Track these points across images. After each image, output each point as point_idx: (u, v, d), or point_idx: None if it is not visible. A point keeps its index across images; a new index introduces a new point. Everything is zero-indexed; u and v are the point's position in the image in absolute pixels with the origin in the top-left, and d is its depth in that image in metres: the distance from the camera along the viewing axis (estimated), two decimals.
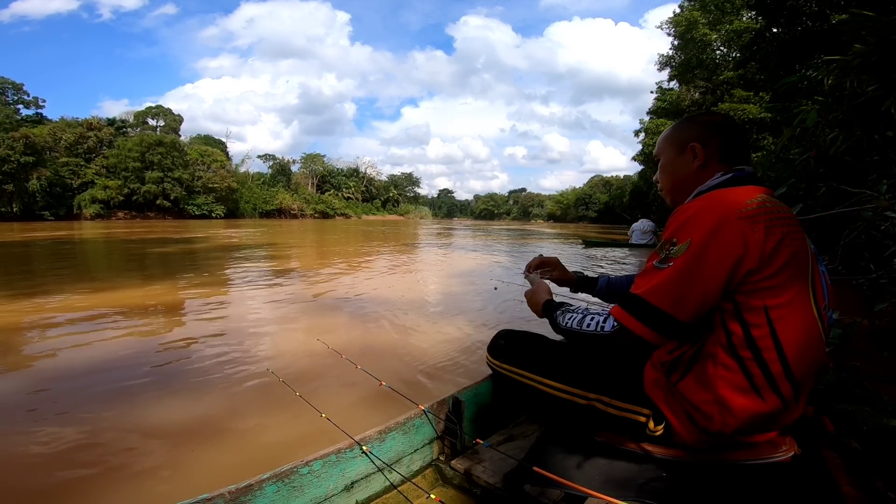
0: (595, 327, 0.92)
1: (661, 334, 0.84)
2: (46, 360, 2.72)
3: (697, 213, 0.84)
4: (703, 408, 0.86)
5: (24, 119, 48.93)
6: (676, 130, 1.06)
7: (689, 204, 0.89)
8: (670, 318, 0.83)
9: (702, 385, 0.86)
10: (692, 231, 0.82)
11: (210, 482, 1.28)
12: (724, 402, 0.84)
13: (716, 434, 0.86)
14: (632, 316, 0.86)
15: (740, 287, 0.81)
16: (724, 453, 0.89)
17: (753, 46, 10.33)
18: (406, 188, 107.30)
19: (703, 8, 24.54)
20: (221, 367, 2.56)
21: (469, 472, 1.08)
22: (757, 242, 0.79)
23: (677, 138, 1.04)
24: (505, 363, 1.18)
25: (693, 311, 0.82)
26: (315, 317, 3.93)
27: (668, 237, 0.86)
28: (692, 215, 0.84)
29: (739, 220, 0.81)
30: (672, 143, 1.05)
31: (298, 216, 67.15)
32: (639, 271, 0.91)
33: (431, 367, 2.60)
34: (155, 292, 4.86)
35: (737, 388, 0.83)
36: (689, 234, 0.82)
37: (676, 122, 1.10)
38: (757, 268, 0.80)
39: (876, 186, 2.63)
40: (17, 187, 39.72)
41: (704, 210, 0.84)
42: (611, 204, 64.44)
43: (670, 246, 0.85)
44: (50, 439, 1.76)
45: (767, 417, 0.85)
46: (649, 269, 0.87)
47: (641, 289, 0.86)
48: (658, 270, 0.85)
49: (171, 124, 58.44)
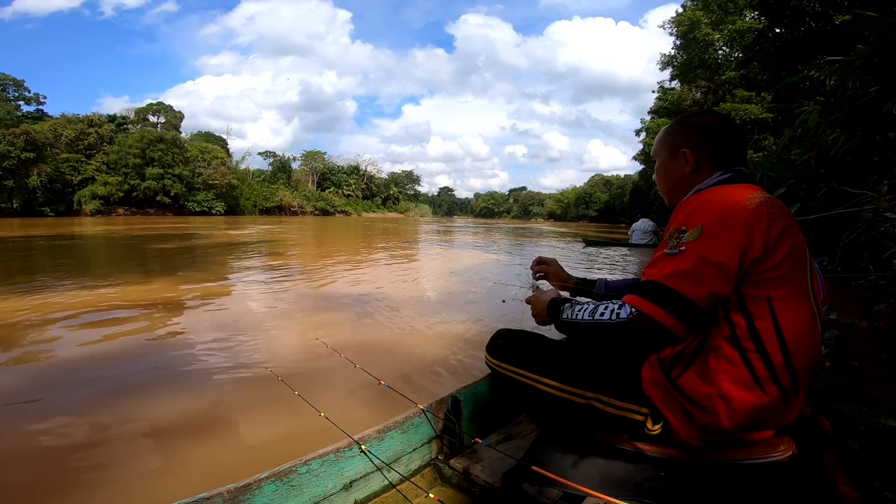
0: (610, 315, 0.89)
1: (680, 320, 0.83)
2: (44, 357, 2.71)
3: (704, 204, 0.86)
4: (703, 403, 0.86)
5: (24, 115, 48.89)
6: (669, 134, 1.06)
7: (693, 197, 0.91)
8: (690, 303, 0.82)
9: (703, 379, 0.87)
10: (701, 218, 0.84)
11: (209, 481, 1.28)
12: (726, 396, 0.84)
13: (715, 431, 0.86)
14: (650, 302, 0.84)
15: (746, 277, 0.83)
16: (722, 453, 0.89)
17: (756, 46, 10.30)
18: (406, 186, 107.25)
19: (706, 8, 24.46)
20: (220, 365, 2.56)
21: (468, 472, 1.08)
22: (762, 232, 0.81)
23: (669, 142, 1.05)
24: (504, 362, 1.18)
25: (709, 296, 0.82)
26: (314, 315, 3.93)
27: (676, 226, 0.86)
28: (699, 205, 0.86)
29: (744, 210, 0.82)
30: (665, 147, 1.06)
31: (298, 213, 67.13)
32: (640, 271, 0.91)
33: (430, 367, 2.60)
34: (154, 289, 4.86)
35: (739, 381, 0.83)
36: (699, 221, 0.83)
37: (670, 122, 1.09)
38: (761, 257, 0.81)
39: (876, 187, 2.62)
40: (17, 183, 39.70)
41: (711, 201, 0.86)
42: (611, 203, 64.44)
43: (679, 234, 0.85)
44: (46, 436, 1.76)
45: (768, 411, 0.85)
46: (661, 258, 0.86)
47: (657, 275, 0.85)
48: (671, 257, 0.84)
49: (172, 121, 58.36)
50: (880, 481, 0.86)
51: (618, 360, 1.03)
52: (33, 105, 51.66)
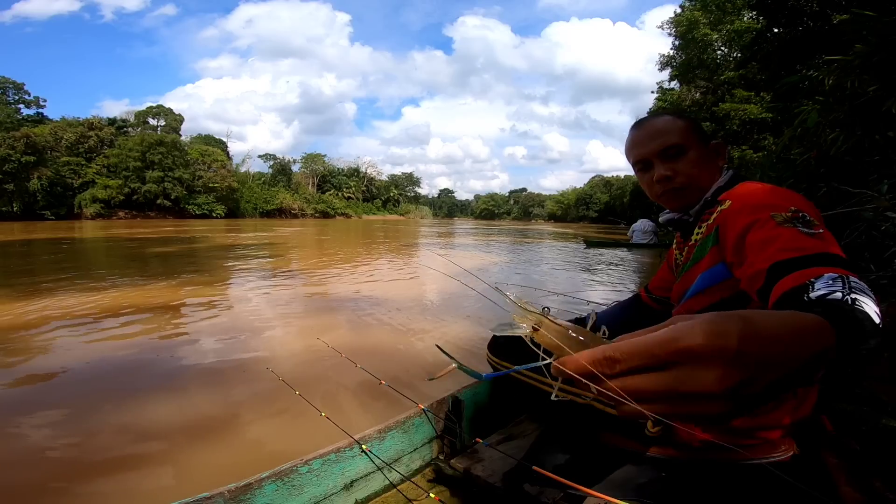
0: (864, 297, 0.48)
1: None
2: (46, 360, 2.72)
3: (791, 193, 0.78)
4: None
5: (25, 119, 49.09)
6: (697, 125, 0.97)
7: (754, 189, 0.83)
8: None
9: None
10: (809, 208, 0.72)
11: (209, 481, 1.28)
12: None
13: (727, 430, 0.85)
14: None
15: None
16: (722, 453, 0.89)
17: (754, 46, 10.31)
18: (406, 188, 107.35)
19: (705, 8, 24.50)
20: (221, 365, 2.57)
21: (468, 472, 1.08)
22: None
23: (702, 133, 0.97)
24: (505, 361, 1.18)
25: None
26: (315, 316, 3.93)
27: (781, 209, 0.70)
28: (789, 194, 0.77)
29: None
30: (699, 136, 0.95)
31: (299, 216, 67.17)
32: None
33: (431, 367, 2.60)
34: (155, 292, 4.86)
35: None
36: (811, 212, 0.71)
37: (678, 112, 1.02)
38: None
39: (876, 187, 2.62)
40: (17, 187, 39.77)
41: (793, 193, 0.78)
42: (611, 204, 64.44)
43: (796, 212, 0.69)
44: (48, 437, 1.76)
45: (782, 410, 0.85)
46: (797, 234, 0.65)
47: (824, 248, 0.62)
48: (813, 237, 0.64)
49: (172, 124, 58.48)
50: (882, 481, 0.86)
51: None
52: (33, 108, 52.02)
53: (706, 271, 0.89)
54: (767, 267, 0.62)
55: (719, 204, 0.88)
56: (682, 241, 1.04)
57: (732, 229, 0.77)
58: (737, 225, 0.76)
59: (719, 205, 0.88)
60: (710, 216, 0.91)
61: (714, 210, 0.89)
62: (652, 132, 0.94)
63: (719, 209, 0.87)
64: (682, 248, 1.04)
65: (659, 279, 1.22)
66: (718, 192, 0.92)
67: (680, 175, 0.92)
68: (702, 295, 0.90)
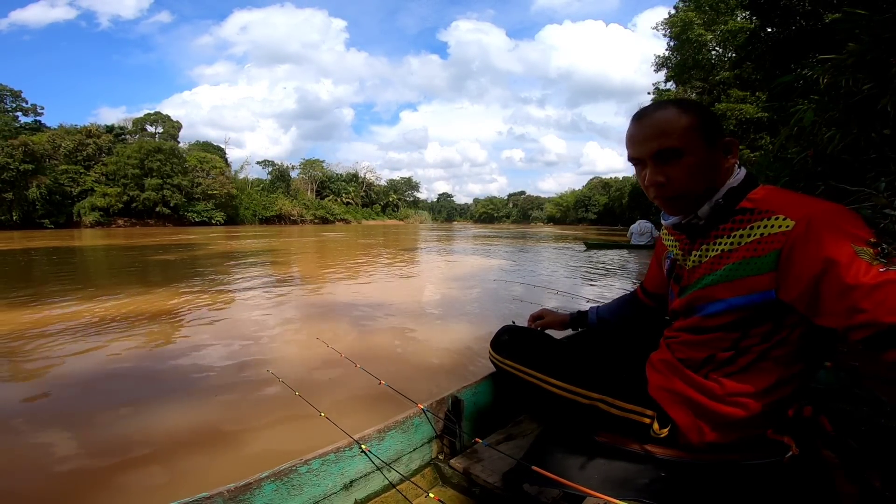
0: None
1: None
2: (46, 367, 2.71)
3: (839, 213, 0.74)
4: (740, 400, 0.85)
5: (22, 126, 49.08)
6: (705, 120, 0.84)
7: (812, 207, 0.75)
8: None
9: (742, 381, 0.85)
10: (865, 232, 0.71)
11: (209, 481, 1.28)
12: (761, 397, 0.83)
13: (737, 431, 0.86)
14: None
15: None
16: (722, 453, 0.89)
17: (748, 46, 10.38)
18: (405, 192, 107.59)
19: (698, 9, 24.65)
20: (221, 367, 2.57)
21: (468, 472, 1.07)
22: None
23: (710, 129, 0.83)
24: (507, 359, 1.18)
25: None
26: (315, 318, 3.93)
27: (859, 239, 0.69)
28: (847, 214, 0.74)
29: None
30: (704, 135, 0.83)
31: (298, 222, 67.19)
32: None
33: (431, 367, 2.60)
34: (155, 297, 4.86)
35: (777, 382, 0.83)
36: (866, 235, 0.71)
37: (686, 104, 0.85)
38: None
39: (874, 184, 2.63)
40: (16, 195, 39.77)
41: (845, 209, 0.75)
42: (610, 205, 64.59)
43: (877, 245, 0.69)
44: (49, 443, 1.76)
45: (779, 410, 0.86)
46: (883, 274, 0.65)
47: None
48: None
49: (170, 131, 58.59)
50: (881, 481, 0.86)
51: (623, 360, 1.03)
52: (31, 116, 52.05)
53: (748, 295, 0.80)
54: (889, 322, 0.63)
55: (764, 216, 0.78)
56: (686, 243, 0.95)
57: (806, 260, 0.71)
58: (811, 255, 0.71)
59: (766, 218, 0.78)
60: (745, 226, 0.81)
61: (753, 220, 0.80)
62: (649, 131, 0.84)
63: (775, 226, 0.76)
64: (685, 249, 0.96)
65: (652, 277, 1.22)
66: (733, 194, 0.84)
67: (674, 182, 0.84)
68: (721, 314, 0.85)
